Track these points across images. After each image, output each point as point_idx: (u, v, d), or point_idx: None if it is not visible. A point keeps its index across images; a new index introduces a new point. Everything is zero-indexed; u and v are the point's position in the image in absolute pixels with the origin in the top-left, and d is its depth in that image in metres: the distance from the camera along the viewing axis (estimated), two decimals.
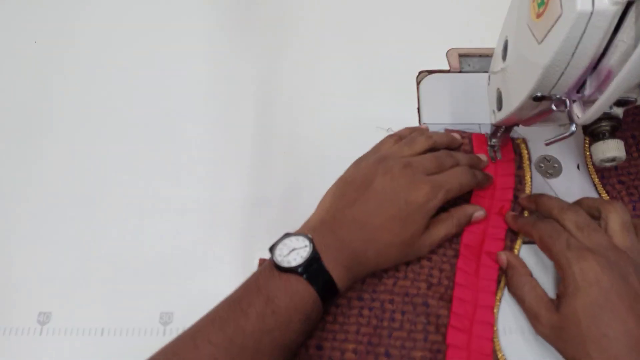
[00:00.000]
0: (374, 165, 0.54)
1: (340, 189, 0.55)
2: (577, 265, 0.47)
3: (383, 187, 0.52)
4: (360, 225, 0.51)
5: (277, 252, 0.50)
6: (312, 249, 0.49)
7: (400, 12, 0.70)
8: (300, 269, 0.48)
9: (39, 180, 0.62)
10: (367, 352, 0.52)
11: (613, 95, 0.39)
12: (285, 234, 0.51)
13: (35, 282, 0.57)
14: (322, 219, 0.53)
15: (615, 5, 0.36)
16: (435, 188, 0.52)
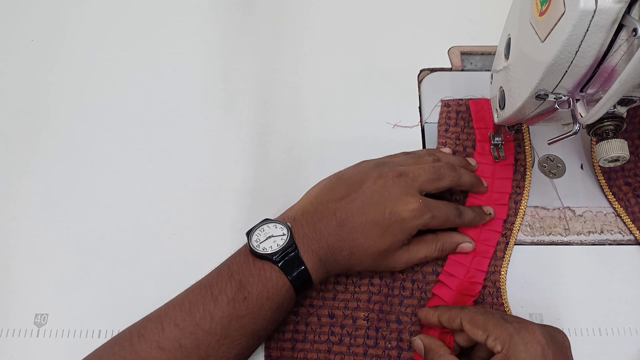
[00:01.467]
0: (371, 168, 0.54)
1: (332, 182, 0.54)
2: (519, 337, 0.45)
3: (372, 192, 0.52)
4: (340, 222, 0.51)
5: (254, 237, 0.50)
6: (290, 238, 0.49)
7: (402, 10, 0.70)
8: (275, 257, 0.48)
9: (36, 180, 0.62)
10: (379, 319, 0.54)
11: (617, 94, 0.38)
12: (264, 219, 0.51)
13: (32, 284, 0.57)
14: (304, 209, 0.52)
15: (619, 3, 0.36)
16: (423, 208, 0.51)
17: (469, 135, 0.63)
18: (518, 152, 0.61)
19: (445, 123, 0.63)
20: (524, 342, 0.44)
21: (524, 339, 0.44)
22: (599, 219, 0.59)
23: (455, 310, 0.50)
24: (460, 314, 0.49)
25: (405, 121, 0.64)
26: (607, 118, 0.43)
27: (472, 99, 0.64)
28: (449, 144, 0.62)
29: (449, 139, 0.62)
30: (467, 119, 0.63)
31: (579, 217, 0.59)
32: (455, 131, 0.63)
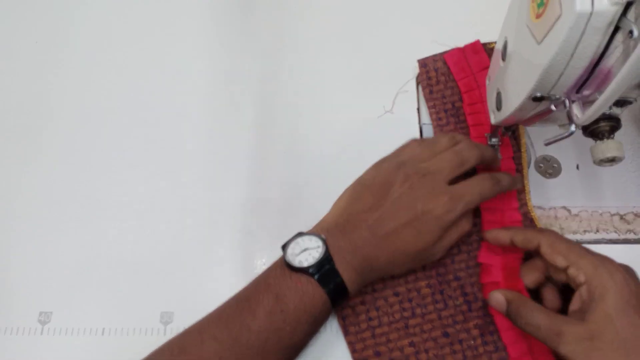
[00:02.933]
0: (393, 170, 0.53)
1: (357, 191, 0.54)
2: (604, 267, 0.45)
3: (400, 195, 0.51)
4: (374, 231, 0.50)
5: (289, 250, 0.49)
6: (325, 250, 0.49)
7: (400, 13, 0.70)
8: (311, 269, 0.48)
9: (39, 180, 0.62)
10: (440, 282, 0.55)
11: (612, 96, 0.39)
12: (298, 233, 0.51)
13: (35, 282, 0.57)
14: (336, 221, 0.52)
15: (615, 5, 0.36)
16: (454, 199, 0.50)
17: (453, 90, 0.64)
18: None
19: (427, 85, 0.64)
20: (609, 272, 0.44)
21: (609, 270, 0.45)
22: (594, 218, 0.59)
23: (533, 233, 0.51)
24: (540, 237, 0.50)
25: (404, 122, 0.64)
26: (603, 119, 0.44)
27: (447, 52, 0.65)
28: (437, 106, 0.63)
29: (436, 100, 0.63)
30: (447, 73, 0.64)
31: (574, 216, 0.59)
32: (439, 89, 0.64)
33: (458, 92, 0.63)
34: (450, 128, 0.63)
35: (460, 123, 0.63)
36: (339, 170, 0.59)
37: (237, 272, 0.58)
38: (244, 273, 0.57)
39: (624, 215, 0.60)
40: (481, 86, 0.62)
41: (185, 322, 0.55)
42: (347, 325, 0.54)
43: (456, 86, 0.64)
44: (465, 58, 0.64)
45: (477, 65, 0.63)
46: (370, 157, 0.60)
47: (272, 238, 0.59)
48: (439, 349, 0.53)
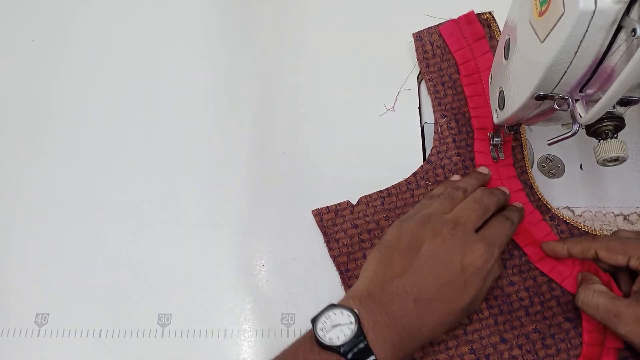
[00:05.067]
0: (419, 227, 0.51)
1: (385, 255, 0.51)
2: None
3: (434, 252, 0.49)
4: (414, 299, 0.47)
5: (319, 325, 0.46)
6: (358, 328, 0.45)
7: (402, 11, 0.70)
8: (342, 348, 0.45)
9: (37, 180, 0.62)
10: (517, 337, 0.53)
11: (616, 95, 0.38)
12: (329, 305, 0.47)
13: (32, 283, 0.57)
14: (369, 290, 0.48)
15: (618, 3, 0.36)
16: (490, 247, 0.50)
17: (449, 62, 0.64)
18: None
19: (423, 58, 0.65)
20: None
21: None
22: (598, 218, 0.59)
23: (587, 242, 0.51)
24: (595, 245, 0.51)
25: (405, 121, 0.64)
26: (607, 118, 0.43)
27: (441, 24, 0.65)
28: (434, 79, 0.63)
29: (433, 73, 0.63)
30: (443, 45, 0.64)
31: (578, 216, 0.59)
32: (435, 62, 0.64)
33: (455, 64, 0.64)
34: (448, 100, 0.63)
35: (457, 95, 0.63)
36: (341, 169, 0.59)
37: (237, 273, 0.57)
38: (244, 274, 0.57)
39: (628, 216, 0.59)
40: (477, 57, 0.63)
41: (183, 324, 0.55)
42: None
43: (452, 58, 0.64)
44: (460, 30, 0.64)
45: (472, 36, 0.64)
46: (373, 156, 0.60)
47: (272, 239, 0.59)
48: None
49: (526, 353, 0.53)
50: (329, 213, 0.58)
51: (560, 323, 0.54)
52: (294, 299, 0.56)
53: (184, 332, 0.55)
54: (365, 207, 0.59)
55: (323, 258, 0.58)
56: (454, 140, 0.61)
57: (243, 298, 0.56)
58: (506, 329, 0.54)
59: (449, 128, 0.61)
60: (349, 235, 0.57)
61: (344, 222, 0.58)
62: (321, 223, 0.58)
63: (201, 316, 0.55)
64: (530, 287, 0.56)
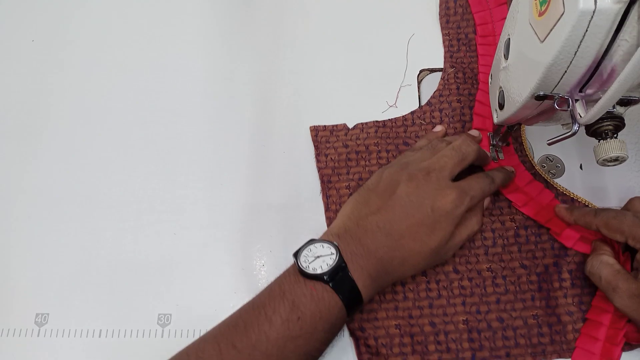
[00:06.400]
0: (397, 172, 0.53)
1: (363, 196, 0.54)
2: None
3: (407, 194, 0.51)
4: (386, 233, 0.50)
5: (302, 258, 0.49)
6: (339, 257, 0.48)
7: (402, 10, 0.70)
8: (326, 276, 0.47)
9: (37, 180, 0.62)
10: (478, 321, 0.55)
11: (616, 94, 0.38)
12: (309, 240, 0.50)
13: (32, 283, 0.57)
14: (346, 226, 0.52)
15: (618, 3, 0.36)
16: (462, 194, 0.51)
17: (468, 22, 0.67)
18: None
19: (445, 14, 0.68)
20: None
21: None
22: None
23: (589, 217, 0.52)
24: (595, 221, 0.52)
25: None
26: (607, 118, 0.43)
27: None
28: (451, 34, 0.67)
29: (451, 29, 0.67)
30: (465, 5, 0.68)
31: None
32: (455, 20, 0.68)
33: (473, 24, 0.67)
34: (460, 55, 0.66)
35: (470, 52, 0.66)
36: None
37: (236, 273, 0.57)
38: (243, 274, 0.57)
39: None
40: (495, 21, 0.65)
41: (183, 324, 0.55)
42: (329, 203, 0.59)
43: (472, 19, 0.67)
44: None
45: (494, 0, 0.67)
46: None
47: (272, 239, 0.59)
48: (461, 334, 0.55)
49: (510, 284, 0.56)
50: (325, 130, 0.63)
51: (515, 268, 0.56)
52: None
53: (184, 332, 0.55)
54: (360, 131, 0.62)
55: None
56: (457, 87, 0.64)
57: (243, 298, 0.56)
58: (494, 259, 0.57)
59: (456, 77, 0.64)
60: (338, 152, 0.61)
61: (337, 141, 0.62)
62: (316, 138, 0.62)
63: (201, 316, 0.55)
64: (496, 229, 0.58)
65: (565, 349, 0.53)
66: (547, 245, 0.57)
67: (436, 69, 0.66)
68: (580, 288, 0.55)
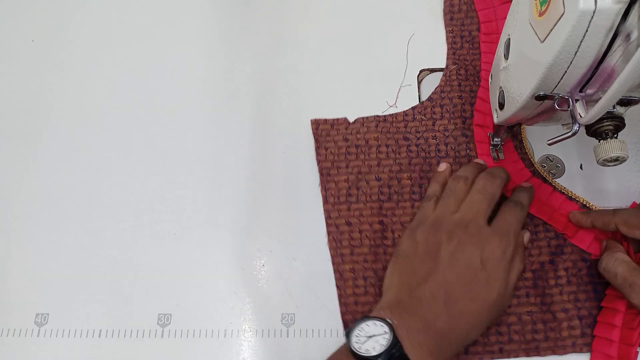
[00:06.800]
0: (431, 232, 0.51)
1: (404, 264, 0.52)
2: None
3: (453, 254, 0.49)
4: (443, 300, 0.48)
5: (354, 338, 0.46)
6: (393, 337, 0.45)
7: (402, 10, 0.70)
8: (380, 358, 0.44)
9: (36, 180, 0.62)
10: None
11: (616, 94, 0.38)
12: (361, 317, 0.47)
13: (32, 283, 0.57)
14: (398, 299, 0.49)
15: (618, 3, 0.35)
16: (504, 237, 0.50)
17: (472, 20, 0.68)
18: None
19: (449, 11, 0.68)
20: None
21: None
22: None
23: (608, 216, 0.53)
24: (614, 219, 0.52)
25: None
26: (607, 118, 0.43)
27: None
28: (454, 31, 0.67)
29: (455, 27, 0.67)
30: (469, 3, 0.68)
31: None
32: (459, 17, 0.68)
33: (477, 22, 0.67)
34: (463, 52, 0.66)
35: (473, 49, 0.66)
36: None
37: (237, 273, 0.57)
38: (243, 274, 0.57)
39: None
40: (499, 19, 0.66)
41: (183, 324, 0.55)
42: (328, 195, 0.60)
43: (476, 17, 0.67)
44: None
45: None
46: None
47: (272, 239, 0.59)
48: None
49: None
50: (325, 124, 0.63)
51: None
52: (294, 299, 0.56)
53: (184, 332, 0.55)
54: (360, 125, 0.63)
55: (323, 258, 0.58)
56: (459, 84, 0.64)
57: (243, 298, 0.56)
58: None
59: (458, 74, 0.65)
60: (338, 146, 0.62)
61: (337, 135, 0.63)
62: (316, 131, 0.63)
63: (201, 316, 0.55)
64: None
65: (560, 345, 0.53)
66: (543, 243, 0.57)
67: (436, 69, 0.66)
68: (577, 286, 0.55)
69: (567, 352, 0.53)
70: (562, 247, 0.57)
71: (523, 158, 0.60)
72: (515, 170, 0.59)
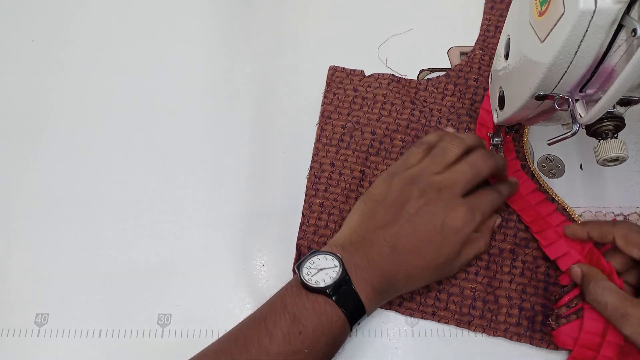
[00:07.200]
0: (406, 185, 0.52)
1: (370, 208, 0.53)
2: None
3: (417, 210, 0.51)
4: (392, 248, 0.50)
5: (305, 270, 0.48)
6: (342, 270, 0.47)
7: (402, 10, 0.70)
8: (329, 290, 0.47)
9: (36, 180, 0.62)
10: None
11: (616, 94, 0.38)
12: (312, 251, 0.50)
13: (32, 283, 0.57)
14: (351, 238, 0.51)
15: (618, 3, 0.36)
16: (472, 211, 0.51)
17: None
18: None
19: (491, 0, 0.69)
20: None
21: None
22: (598, 218, 0.59)
23: (607, 227, 0.51)
24: (614, 231, 0.50)
25: None
26: (607, 118, 0.43)
27: None
28: (491, 20, 0.68)
29: (493, 16, 0.68)
30: None
31: (578, 217, 0.59)
32: (500, 8, 0.68)
33: None
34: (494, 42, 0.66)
35: None
36: None
37: (236, 273, 0.57)
38: (243, 274, 0.57)
39: (628, 216, 0.59)
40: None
41: (183, 325, 0.55)
42: (322, 136, 0.62)
43: None
44: None
45: None
46: None
47: (272, 238, 0.59)
48: None
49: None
50: (342, 72, 0.66)
51: None
52: None
53: (184, 332, 0.55)
54: (373, 80, 0.65)
55: None
56: (479, 68, 0.65)
57: (243, 298, 0.56)
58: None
59: (481, 59, 0.66)
60: (347, 94, 0.64)
61: (349, 84, 0.65)
62: (331, 77, 0.66)
63: (201, 316, 0.55)
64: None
65: (492, 327, 0.54)
66: (510, 232, 0.58)
67: (436, 69, 0.66)
68: (529, 279, 0.56)
69: (497, 335, 0.54)
70: (528, 240, 0.57)
71: (523, 165, 0.60)
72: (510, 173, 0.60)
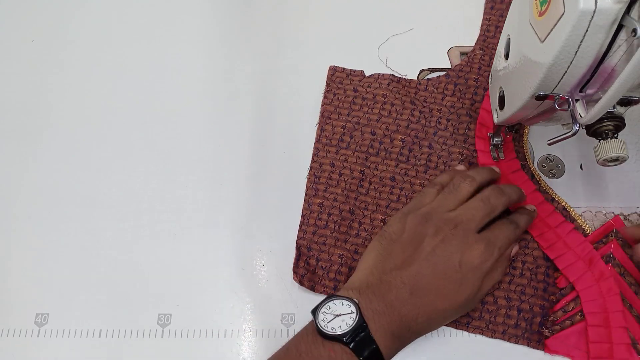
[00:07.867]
0: (421, 222, 0.52)
1: (385, 247, 0.52)
2: None
3: (434, 249, 0.50)
4: (411, 290, 0.48)
5: (321, 316, 0.47)
6: (359, 317, 0.46)
7: (402, 10, 0.70)
8: (346, 338, 0.45)
9: (37, 180, 0.62)
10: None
11: (616, 94, 0.38)
12: (328, 296, 0.48)
13: (32, 283, 0.57)
14: (368, 281, 0.50)
15: (618, 3, 0.36)
16: (489, 247, 0.50)
17: None
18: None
19: (492, 0, 0.69)
20: None
21: None
22: (598, 218, 0.59)
23: None
24: None
25: None
26: (607, 118, 0.43)
27: None
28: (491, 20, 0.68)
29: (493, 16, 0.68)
30: None
31: (578, 217, 0.59)
32: (500, 8, 0.69)
33: None
34: (494, 42, 0.66)
35: None
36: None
37: (237, 273, 0.57)
38: (243, 274, 0.57)
39: (628, 216, 0.59)
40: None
41: (183, 324, 0.55)
42: (321, 136, 0.62)
43: None
44: None
45: None
46: None
47: (272, 239, 0.59)
48: None
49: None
50: (342, 72, 0.66)
51: None
52: (294, 299, 0.56)
53: (184, 332, 0.55)
54: (373, 80, 0.65)
55: None
56: (479, 68, 0.65)
57: (243, 298, 0.56)
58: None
59: (481, 59, 0.66)
60: (347, 94, 0.64)
61: (349, 84, 0.65)
62: (331, 77, 0.66)
63: (201, 316, 0.55)
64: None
65: (490, 328, 0.54)
66: None
67: (437, 69, 0.66)
68: (528, 280, 0.56)
69: (495, 337, 0.54)
70: (528, 241, 0.57)
71: (523, 165, 0.60)
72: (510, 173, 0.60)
